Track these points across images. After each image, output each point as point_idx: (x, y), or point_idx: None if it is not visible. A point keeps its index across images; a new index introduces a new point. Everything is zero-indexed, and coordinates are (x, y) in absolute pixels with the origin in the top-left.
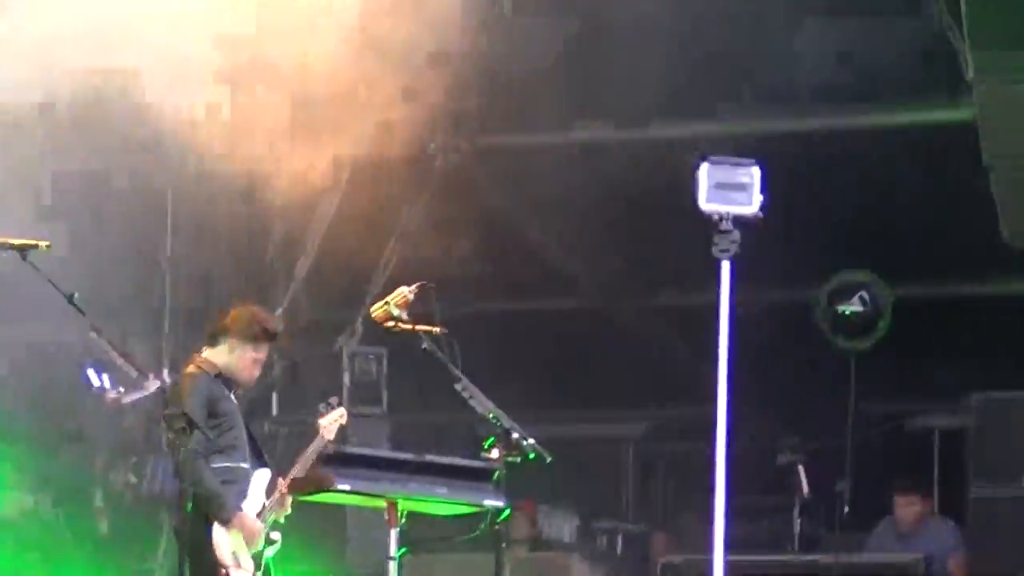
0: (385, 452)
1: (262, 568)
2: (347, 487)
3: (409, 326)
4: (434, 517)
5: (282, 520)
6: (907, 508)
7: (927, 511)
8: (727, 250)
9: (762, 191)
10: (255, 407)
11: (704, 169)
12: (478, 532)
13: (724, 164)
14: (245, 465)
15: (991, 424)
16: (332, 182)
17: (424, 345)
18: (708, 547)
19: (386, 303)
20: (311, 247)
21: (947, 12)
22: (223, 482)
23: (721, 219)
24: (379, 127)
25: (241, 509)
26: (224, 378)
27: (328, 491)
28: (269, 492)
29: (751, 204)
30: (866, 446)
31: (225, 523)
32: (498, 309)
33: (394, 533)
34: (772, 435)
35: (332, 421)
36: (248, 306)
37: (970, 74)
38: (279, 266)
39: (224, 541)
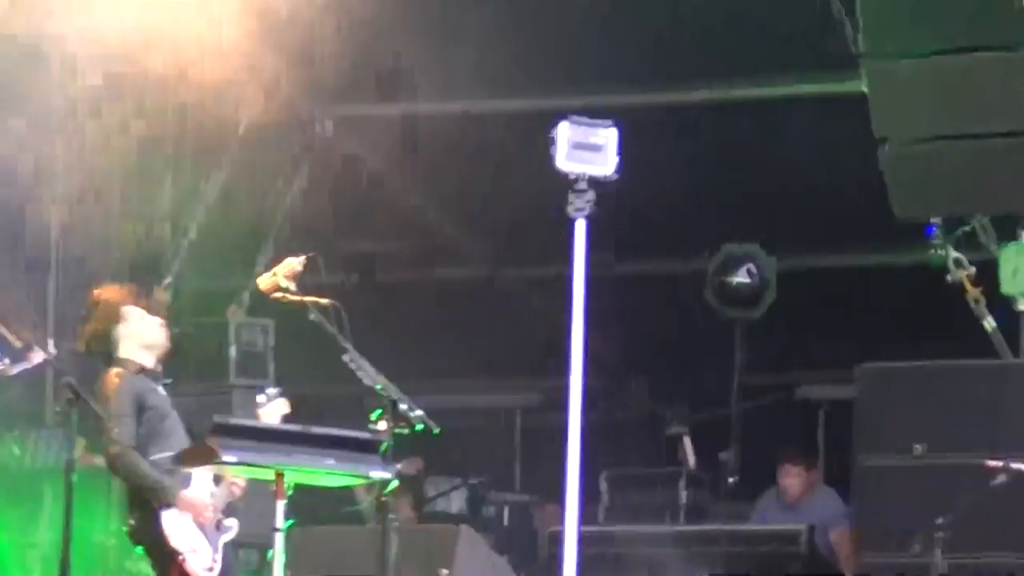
0: (272, 424)
1: (220, 550)
2: (234, 458)
3: (297, 297)
4: (322, 489)
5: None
6: (792, 479)
7: (812, 482)
8: (582, 209)
9: (618, 153)
10: None
11: (562, 128)
12: (365, 504)
13: (582, 125)
14: None
15: (877, 395)
16: (219, 151)
17: (312, 316)
18: (561, 519)
19: (274, 274)
20: (198, 217)
21: None
22: (166, 473)
23: (577, 179)
24: (263, 95)
25: (182, 490)
26: (147, 371)
27: (215, 463)
28: (217, 479)
29: (607, 165)
30: (753, 417)
31: (170, 507)
32: (386, 279)
33: (281, 504)
34: (660, 406)
35: (273, 411)
36: (99, 293)
37: (860, 48)
38: (167, 235)
39: (176, 528)
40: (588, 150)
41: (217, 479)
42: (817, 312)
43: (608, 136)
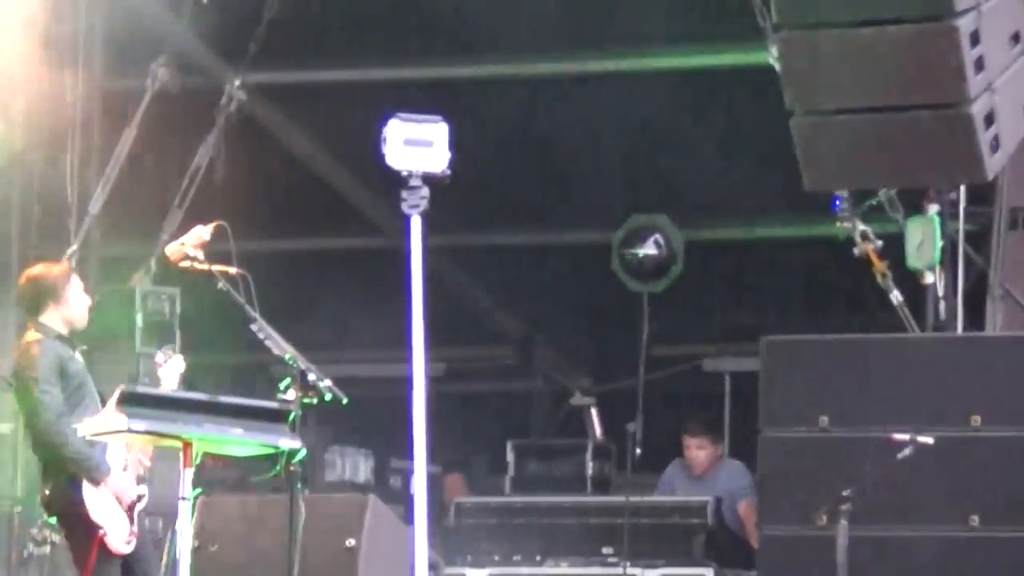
0: (179, 392)
1: (135, 521)
2: (142, 427)
3: (205, 266)
4: (232, 458)
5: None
6: (697, 451)
7: (718, 454)
8: (417, 206)
9: (449, 147)
10: None
11: (392, 125)
12: (273, 473)
13: (411, 121)
14: None
15: (782, 367)
16: (128, 116)
17: (220, 285)
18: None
19: (181, 243)
20: (105, 183)
21: None
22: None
23: (410, 175)
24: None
25: (110, 468)
26: (64, 338)
27: (123, 432)
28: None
29: (439, 161)
30: (659, 389)
31: (97, 483)
32: (294, 248)
33: (188, 473)
34: (566, 377)
35: (171, 369)
36: (42, 267)
37: (772, 19)
38: (73, 201)
39: (96, 502)
40: (419, 146)
41: (127, 447)
42: (724, 284)
43: (438, 132)
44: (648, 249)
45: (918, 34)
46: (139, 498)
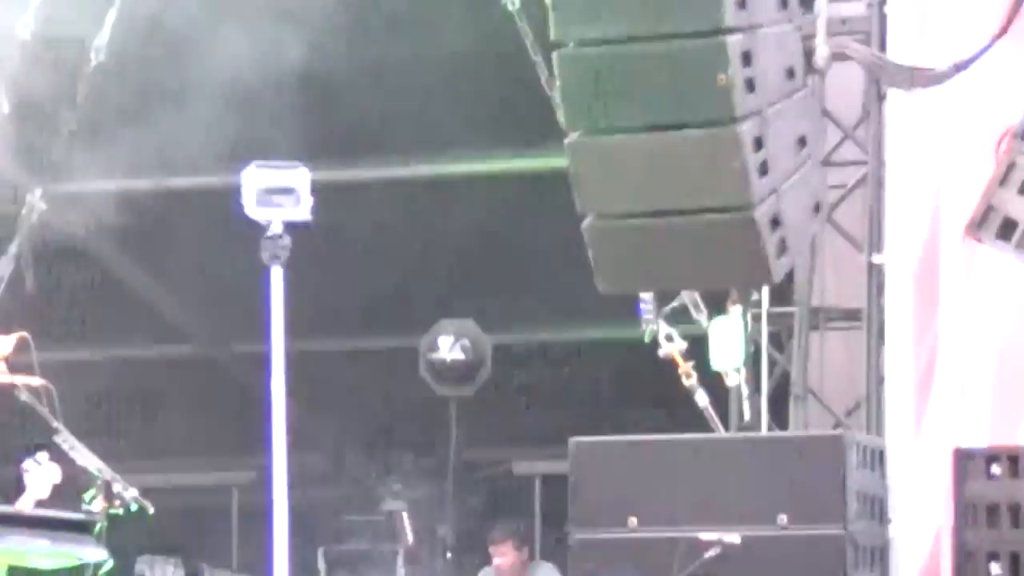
0: None
1: None
2: None
3: (8, 379)
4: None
5: None
6: (502, 557)
7: (525, 559)
8: (278, 256)
9: (312, 193)
10: None
11: (248, 174)
12: None
13: (269, 167)
14: None
15: (590, 469)
16: None
17: (23, 397)
18: None
19: None
20: None
21: (544, 64)
22: None
23: (270, 225)
24: None
25: None
26: None
27: None
28: None
29: (301, 208)
30: (470, 492)
31: None
32: (103, 356)
33: None
34: (377, 482)
35: (42, 479)
36: None
37: (561, 123)
38: None
39: None
40: (279, 194)
41: None
42: (532, 387)
43: (299, 177)
44: (455, 354)
45: (703, 139)
46: None
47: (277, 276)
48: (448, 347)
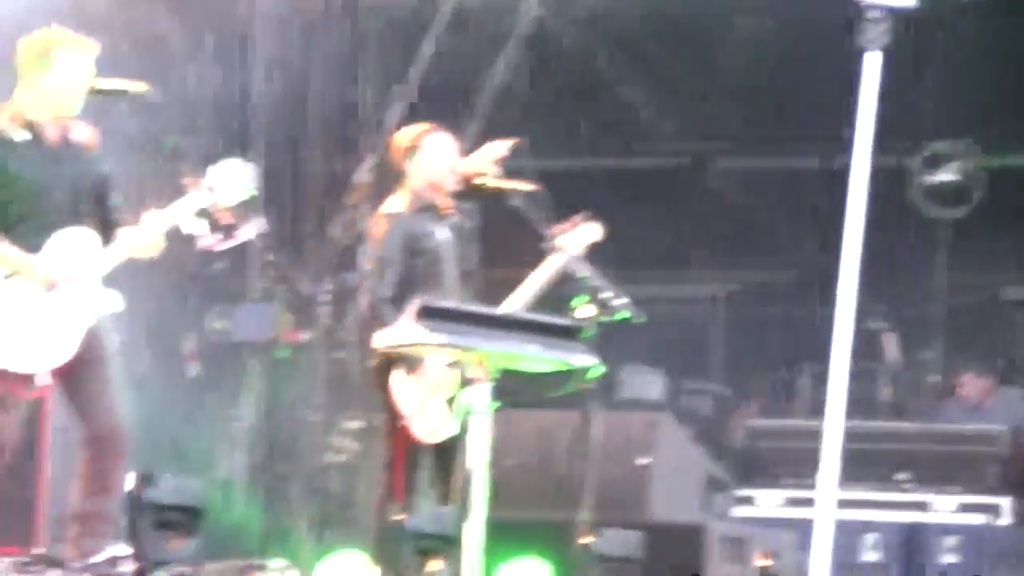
0: (477, 307)
1: (454, 411)
2: (440, 340)
3: (500, 183)
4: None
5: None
6: (970, 385)
7: (988, 385)
8: (874, 41)
9: None
10: None
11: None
12: (568, 389)
13: None
14: None
15: None
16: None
17: (514, 202)
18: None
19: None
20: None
21: None
22: None
23: (869, 7)
24: None
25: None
26: (428, 211)
27: (419, 344)
28: None
29: None
30: (956, 316)
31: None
32: (578, 166)
33: (485, 388)
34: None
35: (581, 236)
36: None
37: None
38: (368, 109)
39: (403, 389)
40: None
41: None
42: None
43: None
44: (948, 174)
45: None
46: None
47: (872, 62)
48: (941, 167)
